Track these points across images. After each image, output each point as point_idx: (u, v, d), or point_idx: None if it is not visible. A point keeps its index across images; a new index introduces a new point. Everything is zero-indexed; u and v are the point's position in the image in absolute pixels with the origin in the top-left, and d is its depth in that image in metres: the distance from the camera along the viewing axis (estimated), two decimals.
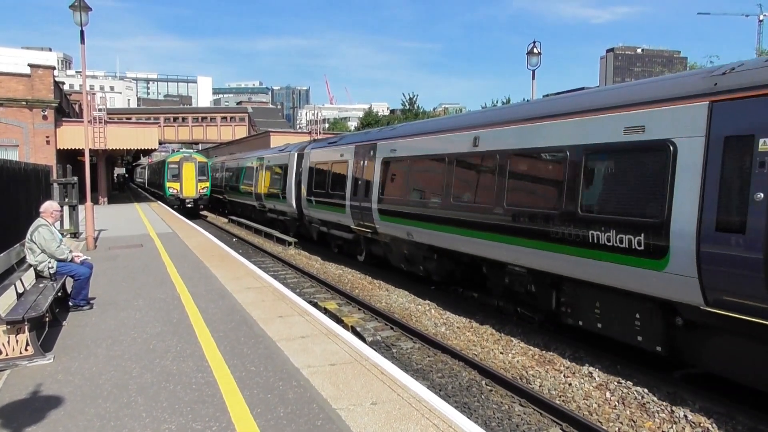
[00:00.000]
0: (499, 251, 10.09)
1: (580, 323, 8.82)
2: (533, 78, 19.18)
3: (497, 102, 62.29)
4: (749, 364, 6.51)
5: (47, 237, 8.66)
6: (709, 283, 6.50)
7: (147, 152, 52.22)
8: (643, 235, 7.24)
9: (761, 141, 6.04)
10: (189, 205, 34.84)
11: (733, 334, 6.57)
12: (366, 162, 15.71)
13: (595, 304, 8.48)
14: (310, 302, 10.89)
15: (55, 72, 33.41)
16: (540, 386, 7.91)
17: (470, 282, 12.45)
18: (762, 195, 5.95)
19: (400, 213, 13.55)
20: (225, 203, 37.48)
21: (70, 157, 32.49)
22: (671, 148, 7.01)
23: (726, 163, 6.39)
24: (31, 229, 8.73)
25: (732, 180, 6.35)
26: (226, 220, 33.84)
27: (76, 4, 15.35)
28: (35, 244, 8.62)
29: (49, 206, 9.13)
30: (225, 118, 72.50)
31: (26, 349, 6.68)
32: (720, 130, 6.49)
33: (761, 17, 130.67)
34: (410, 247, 13.72)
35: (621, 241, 7.52)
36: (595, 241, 7.88)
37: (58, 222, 11.24)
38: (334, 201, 17.55)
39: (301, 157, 22.18)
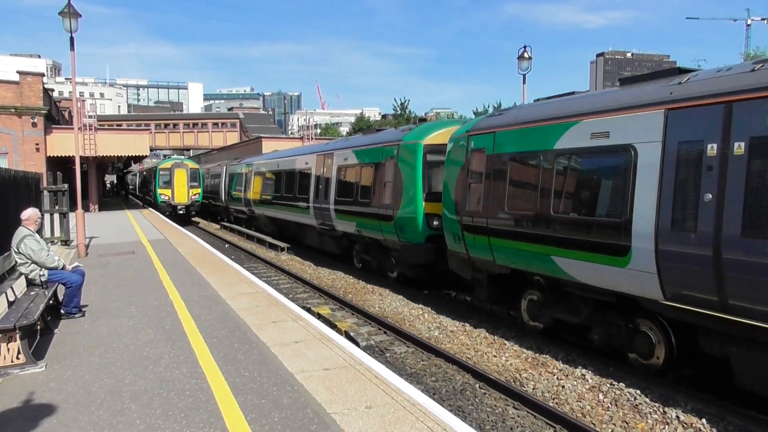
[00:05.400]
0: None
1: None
2: (524, 83, 19.32)
3: (488, 107, 62.62)
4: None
5: (35, 248, 8.60)
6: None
7: (138, 159, 52.08)
8: (306, 202, 19.13)
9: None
10: (181, 212, 34.69)
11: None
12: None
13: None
14: (303, 307, 10.88)
15: (45, 79, 33.29)
16: (533, 389, 7.94)
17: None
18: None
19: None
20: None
21: (60, 165, 32.30)
22: (311, 169, 19.42)
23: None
24: (15, 239, 8.61)
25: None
26: (218, 227, 33.73)
27: (65, 10, 15.32)
28: (23, 255, 8.56)
29: (32, 213, 9.04)
30: (216, 124, 72.26)
31: (18, 358, 6.65)
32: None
33: (749, 21, 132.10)
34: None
35: (304, 207, 18.14)
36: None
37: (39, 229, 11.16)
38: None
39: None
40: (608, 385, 7.81)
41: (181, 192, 34.86)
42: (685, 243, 6.83)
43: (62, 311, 9.03)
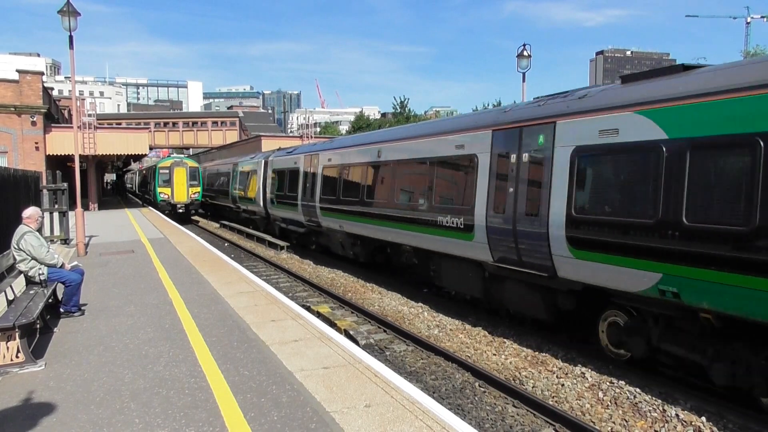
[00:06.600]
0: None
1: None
2: (523, 81, 19.32)
3: (488, 105, 62.53)
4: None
5: (35, 244, 8.61)
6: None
7: (137, 158, 52.05)
8: (463, 217, 10.71)
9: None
10: (180, 211, 34.68)
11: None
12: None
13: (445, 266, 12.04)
14: (302, 306, 10.88)
15: (44, 78, 33.26)
16: (533, 387, 7.94)
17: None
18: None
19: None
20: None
21: (59, 163, 32.31)
22: (476, 159, 10.53)
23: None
24: (16, 236, 8.64)
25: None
26: (218, 225, 33.72)
27: (64, 9, 15.29)
28: (23, 251, 8.57)
29: (33, 212, 9.08)
30: (216, 122, 72.24)
31: (17, 356, 6.64)
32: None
33: (749, 19, 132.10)
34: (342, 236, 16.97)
35: (453, 222, 11.04)
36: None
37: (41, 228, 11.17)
38: None
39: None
40: (608, 383, 7.80)
41: (181, 191, 34.83)
42: None
43: (61, 310, 9.03)
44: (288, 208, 21.72)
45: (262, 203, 25.63)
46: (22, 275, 8.93)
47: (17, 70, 31.43)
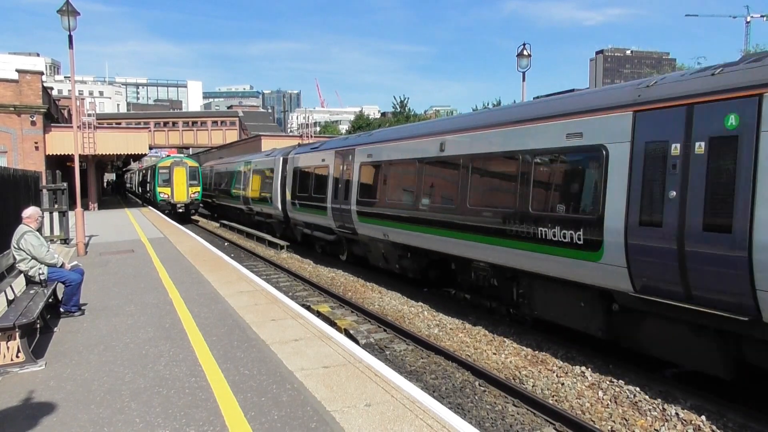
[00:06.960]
0: None
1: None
2: (523, 80, 19.31)
3: (488, 104, 62.54)
4: None
5: (35, 243, 8.62)
6: None
7: (137, 157, 52.05)
8: (582, 230, 8.04)
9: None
10: (180, 210, 34.68)
11: None
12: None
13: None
14: (302, 305, 10.89)
15: (44, 77, 33.25)
16: (533, 386, 7.95)
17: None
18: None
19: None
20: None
21: (59, 163, 32.30)
22: (604, 151, 7.85)
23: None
24: (16, 236, 8.65)
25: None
26: (217, 225, 33.73)
27: (64, 8, 15.28)
28: (23, 251, 8.58)
29: (33, 212, 9.10)
30: (216, 122, 72.29)
31: (17, 356, 6.65)
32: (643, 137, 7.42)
33: (748, 18, 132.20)
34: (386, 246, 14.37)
35: (564, 236, 8.35)
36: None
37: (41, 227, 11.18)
38: None
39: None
40: (608, 382, 7.81)
41: (181, 190, 34.82)
42: None
43: (62, 309, 9.03)
44: (313, 212, 18.87)
45: (279, 206, 22.89)
46: (22, 275, 8.94)
47: (17, 70, 31.44)
